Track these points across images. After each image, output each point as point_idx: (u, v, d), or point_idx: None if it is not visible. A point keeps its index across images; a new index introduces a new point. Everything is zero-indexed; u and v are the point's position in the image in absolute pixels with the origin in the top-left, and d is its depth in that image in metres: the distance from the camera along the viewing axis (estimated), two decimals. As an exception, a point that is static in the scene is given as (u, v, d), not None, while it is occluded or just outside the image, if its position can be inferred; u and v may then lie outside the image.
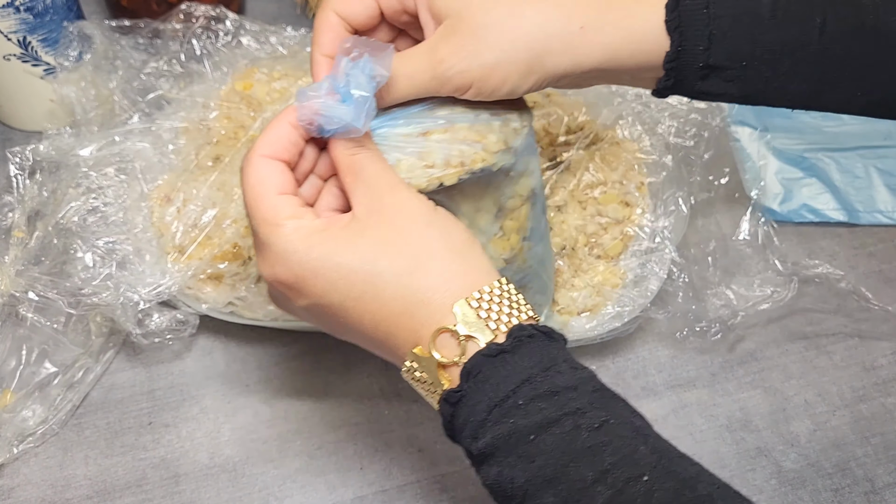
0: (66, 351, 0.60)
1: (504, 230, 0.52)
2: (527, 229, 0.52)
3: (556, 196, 0.66)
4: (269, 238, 0.42)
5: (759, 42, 0.46)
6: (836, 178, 0.74)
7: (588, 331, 0.60)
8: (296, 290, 0.43)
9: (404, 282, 0.41)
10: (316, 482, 0.58)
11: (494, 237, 0.51)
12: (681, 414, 0.61)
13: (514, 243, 0.52)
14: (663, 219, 0.64)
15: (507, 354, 0.39)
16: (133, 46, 0.71)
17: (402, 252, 0.41)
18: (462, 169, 0.46)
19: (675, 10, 0.45)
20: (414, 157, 0.45)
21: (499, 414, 0.39)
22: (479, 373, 0.39)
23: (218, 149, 0.67)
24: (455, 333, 0.40)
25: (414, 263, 0.41)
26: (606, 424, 0.38)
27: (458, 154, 0.46)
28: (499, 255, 0.52)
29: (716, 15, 0.45)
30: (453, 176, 0.46)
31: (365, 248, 0.41)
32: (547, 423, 0.38)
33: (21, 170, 0.63)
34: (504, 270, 0.53)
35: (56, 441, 0.59)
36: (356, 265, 0.41)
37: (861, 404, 0.62)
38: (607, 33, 0.45)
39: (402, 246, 0.42)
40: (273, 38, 0.74)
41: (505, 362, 0.39)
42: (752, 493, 0.58)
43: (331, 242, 0.42)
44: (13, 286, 0.59)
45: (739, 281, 0.63)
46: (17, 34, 0.66)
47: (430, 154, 0.46)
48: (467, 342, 0.40)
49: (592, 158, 0.67)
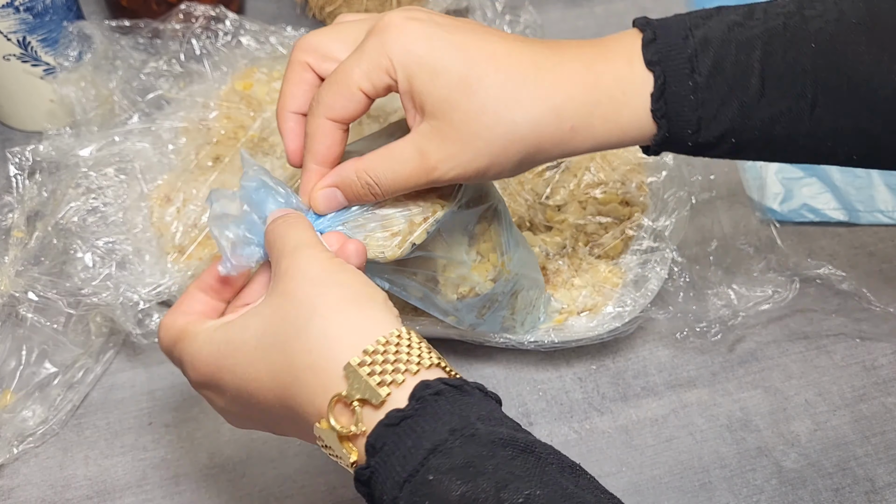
0: (66, 351, 0.60)
1: (481, 253, 0.52)
2: (501, 244, 0.53)
3: (557, 196, 0.66)
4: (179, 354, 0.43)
5: (748, 120, 0.45)
6: (836, 177, 0.74)
7: (588, 331, 0.60)
8: (213, 388, 0.43)
9: (288, 348, 0.38)
10: (316, 482, 0.58)
11: (475, 264, 0.52)
12: (681, 414, 0.61)
13: (494, 262, 0.53)
14: (664, 218, 0.64)
15: (410, 420, 0.36)
16: (133, 46, 0.71)
17: (287, 315, 0.39)
18: (427, 223, 0.46)
19: (661, 99, 0.44)
20: (378, 230, 0.46)
21: (409, 492, 0.35)
22: (382, 446, 0.36)
23: (218, 149, 0.67)
24: (346, 401, 0.37)
25: (295, 328, 0.38)
26: (530, 500, 0.34)
27: (419, 211, 0.46)
28: (484, 279, 0.52)
29: (703, 100, 0.44)
30: (422, 234, 0.46)
31: (255, 322, 0.40)
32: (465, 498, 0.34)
33: (21, 170, 0.63)
34: (494, 289, 0.53)
35: (56, 441, 0.59)
36: (248, 341, 0.40)
37: (861, 404, 0.62)
38: (596, 128, 0.45)
39: (287, 310, 0.39)
40: (273, 38, 0.74)
41: (410, 430, 0.36)
42: (752, 493, 0.58)
43: (228, 329, 0.42)
44: (13, 286, 0.59)
45: (740, 281, 0.63)
46: (16, 34, 0.66)
47: (392, 222, 0.46)
48: (362, 408, 0.36)
49: (593, 158, 0.67)
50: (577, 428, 0.61)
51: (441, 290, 0.51)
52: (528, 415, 0.61)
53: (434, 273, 0.50)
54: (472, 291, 0.53)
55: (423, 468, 0.35)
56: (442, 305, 0.52)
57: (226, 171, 0.66)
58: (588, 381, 0.63)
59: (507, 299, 0.56)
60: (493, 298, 0.54)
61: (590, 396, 0.62)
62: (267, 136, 0.69)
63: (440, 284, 0.51)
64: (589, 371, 0.63)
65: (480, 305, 0.54)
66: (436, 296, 0.51)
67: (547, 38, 0.77)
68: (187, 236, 0.63)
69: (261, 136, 0.69)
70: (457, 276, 0.51)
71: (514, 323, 0.58)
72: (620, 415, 0.61)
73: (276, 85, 0.72)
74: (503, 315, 0.57)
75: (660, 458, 0.59)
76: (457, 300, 0.52)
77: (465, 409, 0.36)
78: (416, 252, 0.47)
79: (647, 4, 0.88)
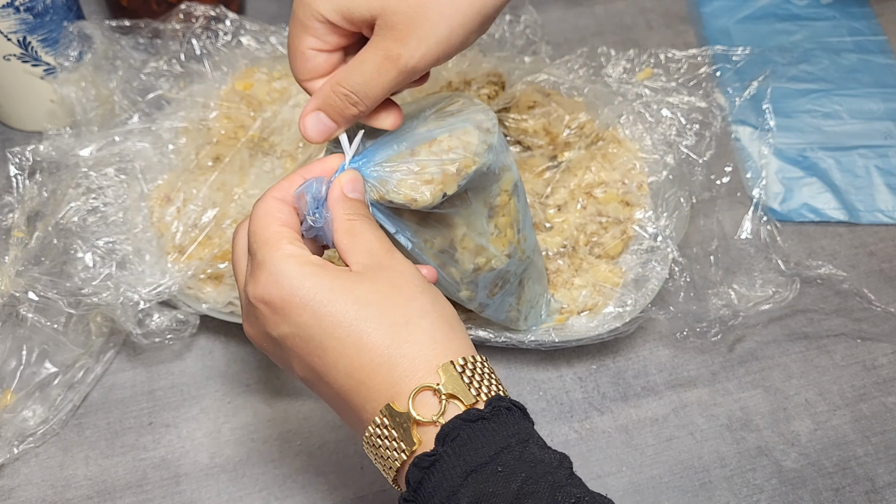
0: (66, 351, 0.60)
1: (499, 227, 0.53)
2: (518, 221, 0.54)
3: (557, 196, 0.66)
4: (267, 258, 0.42)
5: None
6: (836, 177, 0.74)
7: (588, 330, 0.60)
8: (280, 314, 0.42)
9: (392, 333, 0.40)
10: (316, 482, 0.58)
11: (493, 237, 0.53)
12: (681, 414, 0.61)
13: (510, 237, 0.53)
14: (665, 218, 0.64)
15: (487, 421, 0.39)
16: (133, 46, 0.71)
17: (396, 305, 0.41)
18: (458, 175, 0.47)
19: None
20: (412, 176, 0.46)
21: (476, 480, 0.38)
22: (456, 437, 0.39)
23: (218, 149, 0.67)
24: (437, 392, 0.39)
25: (404, 318, 0.41)
26: (582, 502, 0.38)
27: (451, 162, 0.47)
28: (501, 253, 0.53)
29: None
30: (453, 184, 0.47)
31: (359, 293, 0.41)
32: (525, 493, 0.37)
33: (21, 170, 0.63)
34: (509, 265, 0.54)
35: (56, 441, 0.59)
36: (347, 306, 0.41)
37: (861, 403, 0.62)
38: None
39: (396, 300, 0.41)
40: (273, 37, 0.74)
41: (485, 429, 0.39)
42: (752, 493, 0.58)
43: (327, 278, 0.41)
44: (13, 286, 0.59)
45: (741, 280, 0.63)
46: (17, 34, 0.66)
47: (426, 169, 0.46)
48: (448, 402, 0.39)
49: (594, 158, 0.67)
50: (577, 428, 0.61)
51: (459, 258, 0.52)
52: (529, 414, 0.61)
53: (453, 241, 0.51)
54: (488, 264, 0.53)
55: (492, 461, 0.38)
56: (457, 277, 0.53)
57: (226, 171, 0.66)
58: (588, 381, 0.63)
59: (516, 283, 0.56)
60: (505, 277, 0.55)
61: (590, 396, 0.62)
62: (267, 136, 0.69)
63: (458, 253, 0.52)
64: (589, 371, 0.63)
65: (493, 283, 0.55)
66: (454, 265, 0.52)
67: (548, 38, 0.78)
68: (187, 236, 0.63)
69: (261, 136, 0.69)
70: (475, 246, 0.52)
71: (519, 315, 0.59)
72: (620, 414, 0.61)
73: (276, 85, 0.72)
74: (510, 303, 0.57)
75: (660, 458, 0.59)
76: (472, 271, 0.53)
77: (528, 427, 0.41)
78: (442, 210, 0.48)
79: (646, 4, 0.88)
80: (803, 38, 0.84)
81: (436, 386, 0.39)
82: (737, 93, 0.74)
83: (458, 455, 0.38)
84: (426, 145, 0.47)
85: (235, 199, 0.65)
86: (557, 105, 0.69)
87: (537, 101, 0.69)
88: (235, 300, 0.61)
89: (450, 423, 0.39)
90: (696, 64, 0.72)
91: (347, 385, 0.41)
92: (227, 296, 0.61)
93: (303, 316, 0.41)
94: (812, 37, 0.85)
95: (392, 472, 0.41)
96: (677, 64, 0.72)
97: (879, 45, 0.84)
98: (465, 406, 0.39)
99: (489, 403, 0.40)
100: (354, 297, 0.41)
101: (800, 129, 0.77)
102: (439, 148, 0.47)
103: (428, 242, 0.50)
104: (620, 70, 0.73)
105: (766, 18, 0.86)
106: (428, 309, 0.42)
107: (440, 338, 0.41)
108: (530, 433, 0.40)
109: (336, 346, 0.41)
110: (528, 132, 0.68)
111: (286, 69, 0.73)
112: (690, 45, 0.79)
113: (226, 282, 0.62)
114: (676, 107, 0.69)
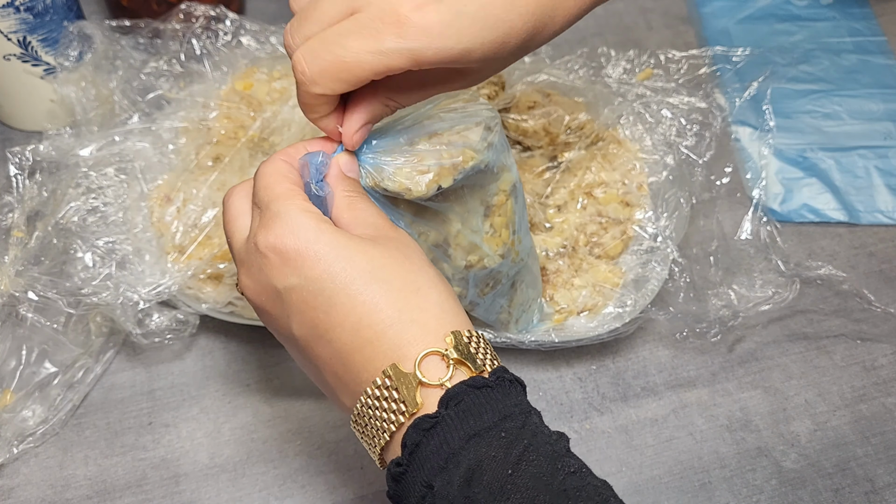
0: (66, 351, 0.60)
1: (494, 227, 0.53)
2: (514, 222, 0.54)
3: (557, 196, 0.66)
4: (283, 209, 0.41)
5: None
6: (836, 177, 0.74)
7: (588, 331, 0.60)
8: (292, 265, 0.41)
9: (404, 297, 0.41)
10: (316, 482, 0.58)
11: (487, 236, 0.53)
12: (681, 414, 0.61)
13: (505, 238, 0.54)
14: (664, 218, 0.64)
15: (491, 389, 0.39)
16: (133, 46, 0.71)
17: (409, 272, 0.41)
18: (455, 170, 0.47)
19: None
20: (409, 165, 0.46)
21: (477, 444, 0.38)
22: (461, 401, 0.39)
23: (218, 149, 0.67)
24: (446, 357, 0.40)
25: (415, 286, 0.41)
26: (581, 472, 0.38)
27: (448, 156, 0.47)
28: (494, 252, 0.53)
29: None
30: (448, 177, 0.47)
31: (373, 254, 0.41)
32: (526, 459, 0.37)
33: (21, 170, 0.63)
34: (501, 266, 0.54)
35: (56, 441, 0.59)
36: (363, 264, 0.41)
37: (861, 404, 0.62)
38: None
39: (408, 266, 0.42)
40: (273, 38, 0.74)
41: (489, 396, 0.39)
42: (752, 493, 0.58)
43: (342, 237, 0.41)
44: (13, 286, 0.59)
45: (741, 281, 0.63)
46: (17, 34, 0.66)
47: (423, 160, 0.47)
48: (457, 367, 0.40)
49: (594, 158, 0.67)
50: (577, 428, 0.61)
51: (451, 254, 0.52)
52: (528, 415, 0.61)
53: (447, 237, 0.51)
54: (481, 263, 0.53)
55: (495, 427, 0.38)
56: (448, 273, 0.53)
57: (226, 171, 0.66)
58: (588, 381, 0.63)
59: (508, 284, 0.57)
60: (497, 277, 0.55)
61: (590, 396, 0.62)
62: (267, 136, 0.69)
63: (451, 248, 0.52)
64: (589, 371, 0.63)
65: (484, 282, 0.55)
66: (446, 260, 0.52)
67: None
68: (187, 236, 0.63)
69: (261, 136, 0.69)
70: (468, 244, 0.52)
71: (510, 318, 0.59)
72: (620, 415, 0.61)
73: (276, 85, 0.72)
74: (501, 304, 0.58)
75: (660, 458, 0.59)
76: (464, 268, 0.53)
77: (529, 403, 0.41)
78: (436, 203, 0.48)
79: (646, 4, 0.88)
80: (803, 39, 0.85)
81: (444, 351, 0.40)
82: (737, 93, 0.74)
83: (461, 419, 0.38)
84: (426, 138, 0.47)
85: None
86: (557, 105, 0.69)
87: (537, 102, 0.69)
88: (235, 300, 0.61)
89: (455, 388, 0.39)
90: (696, 64, 0.72)
91: (352, 343, 0.40)
92: (227, 296, 0.61)
93: (315, 269, 0.40)
94: (812, 37, 0.85)
95: (382, 442, 0.40)
96: (677, 64, 0.73)
97: (879, 45, 0.84)
98: (473, 373, 0.40)
99: (494, 373, 0.40)
100: (368, 257, 0.41)
101: (800, 129, 0.77)
102: (439, 141, 0.47)
103: (423, 235, 0.50)
104: (620, 70, 0.73)
105: (766, 19, 0.86)
106: (436, 280, 0.42)
107: (448, 308, 0.41)
108: (531, 408, 0.40)
109: (346, 303, 0.40)
110: (528, 132, 0.69)
111: (286, 69, 0.73)
112: (690, 46, 0.78)
113: (226, 282, 0.62)
114: (676, 107, 0.69)
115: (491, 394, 0.39)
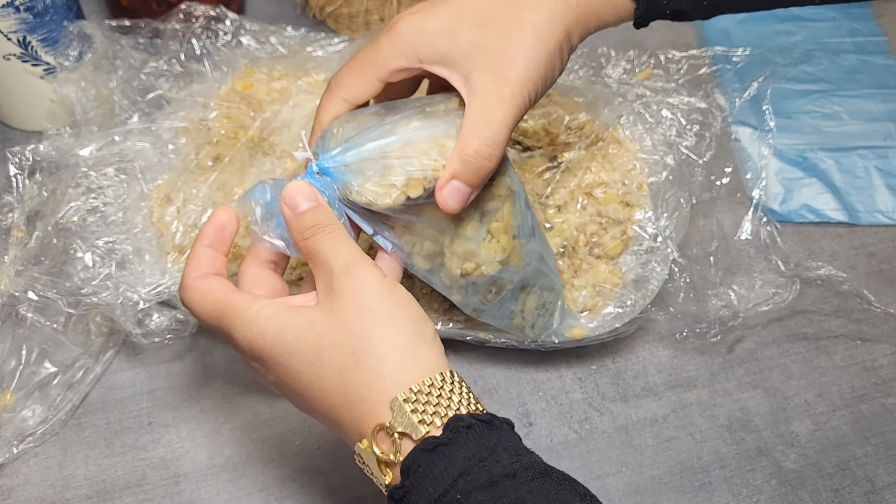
0: (66, 351, 0.60)
1: (492, 233, 0.52)
2: (514, 227, 0.53)
3: (557, 196, 0.66)
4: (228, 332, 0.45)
5: None
6: (836, 178, 0.74)
7: (588, 331, 0.60)
8: (265, 367, 0.44)
9: (344, 377, 0.42)
10: (316, 482, 0.58)
11: (484, 242, 0.52)
12: (681, 414, 0.61)
13: (504, 244, 0.52)
14: (664, 219, 0.64)
15: (444, 447, 0.39)
16: (133, 46, 0.71)
17: (345, 345, 0.42)
18: (425, 180, 0.46)
19: None
20: (376, 177, 0.46)
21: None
22: (417, 468, 0.39)
23: (218, 149, 0.67)
24: (390, 429, 0.40)
25: (353, 359, 0.42)
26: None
27: (420, 167, 0.47)
28: (493, 259, 0.52)
29: None
30: (418, 188, 0.46)
31: (312, 336, 0.42)
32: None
33: (21, 170, 0.63)
34: (502, 272, 0.53)
35: (56, 441, 0.59)
36: (306, 358, 0.43)
37: (861, 404, 0.62)
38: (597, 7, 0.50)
39: (345, 338, 0.42)
40: (273, 37, 0.74)
41: (442, 455, 0.39)
42: (752, 494, 0.58)
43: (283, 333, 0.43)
44: (13, 286, 0.59)
45: (741, 281, 0.63)
46: (17, 34, 0.66)
47: (391, 172, 0.46)
48: (401, 440, 0.40)
49: (594, 158, 0.67)
50: (577, 428, 0.61)
51: (446, 263, 0.51)
52: (528, 415, 0.61)
53: (441, 246, 0.51)
54: (479, 270, 0.52)
55: (452, 489, 0.38)
56: (447, 282, 0.52)
57: (226, 171, 0.66)
58: (588, 382, 0.63)
59: (516, 290, 0.55)
60: (499, 284, 0.54)
61: (590, 396, 0.62)
62: (267, 136, 0.69)
63: (446, 258, 0.51)
64: (589, 371, 0.63)
65: (486, 289, 0.54)
66: (441, 270, 0.52)
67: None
68: (187, 236, 0.63)
69: (261, 136, 0.69)
70: (464, 252, 0.51)
71: (524, 322, 0.58)
72: (620, 415, 0.61)
73: (276, 85, 0.72)
74: (512, 310, 0.56)
75: (660, 459, 0.59)
76: (461, 276, 0.52)
77: (492, 440, 0.40)
78: (417, 218, 0.48)
79: (647, 5, 0.88)
80: (803, 39, 0.85)
81: (387, 425, 0.40)
82: (737, 93, 0.74)
83: (420, 486, 0.39)
84: (399, 148, 0.47)
85: (235, 199, 0.65)
86: (557, 105, 0.69)
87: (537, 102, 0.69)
88: (235, 300, 0.61)
89: (410, 456, 0.40)
90: (696, 64, 0.72)
91: (327, 423, 0.44)
92: (227, 296, 0.61)
93: (277, 371, 0.44)
94: (812, 37, 0.85)
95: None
96: (677, 64, 0.73)
97: (879, 45, 0.84)
98: (415, 441, 0.40)
99: (447, 427, 0.40)
100: (310, 346, 0.42)
101: (800, 129, 0.77)
102: (412, 151, 0.47)
103: (416, 246, 0.50)
104: (620, 70, 0.73)
105: (767, 19, 0.86)
106: (377, 340, 0.42)
107: (390, 371, 0.41)
108: (492, 448, 0.40)
109: (307, 394, 0.43)
110: (528, 132, 0.69)
111: (286, 69, 0.73)
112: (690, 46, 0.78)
113: (226, 282, 0.62)
114: (676, 107, 0.69)
115: (445, 451, 0.39)
